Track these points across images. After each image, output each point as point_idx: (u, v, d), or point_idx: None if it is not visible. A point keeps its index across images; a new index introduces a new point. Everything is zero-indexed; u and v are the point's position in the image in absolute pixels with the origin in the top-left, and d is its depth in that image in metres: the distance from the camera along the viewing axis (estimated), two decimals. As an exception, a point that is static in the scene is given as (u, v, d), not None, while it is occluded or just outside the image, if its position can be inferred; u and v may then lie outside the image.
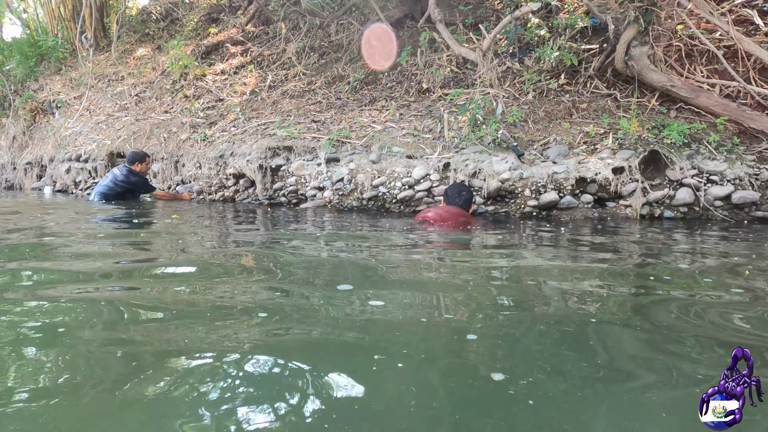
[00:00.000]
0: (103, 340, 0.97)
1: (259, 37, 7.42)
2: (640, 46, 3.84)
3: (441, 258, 1.85)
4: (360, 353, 0.91)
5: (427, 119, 4.21)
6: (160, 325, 1.07)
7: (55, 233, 2.37)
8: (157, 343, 0.94)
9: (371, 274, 1.57)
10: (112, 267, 1.62)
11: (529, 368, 0.85)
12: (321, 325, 1.06)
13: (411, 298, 1.27)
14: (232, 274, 1.56)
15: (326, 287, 1.40)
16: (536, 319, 1.13)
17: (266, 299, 1.27)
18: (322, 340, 0.97)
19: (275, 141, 4.24)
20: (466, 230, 2.69)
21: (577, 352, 0.93)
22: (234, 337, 0.98)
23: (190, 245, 2.10)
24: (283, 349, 0.92)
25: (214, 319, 1.09)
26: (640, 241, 2.41)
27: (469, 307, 1.22)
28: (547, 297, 1.33)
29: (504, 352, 0.94)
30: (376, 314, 1.13)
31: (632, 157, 3.31)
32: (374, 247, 2.03)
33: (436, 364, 0.87)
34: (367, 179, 3.64)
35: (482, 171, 3.41)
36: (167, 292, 1.30)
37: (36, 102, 7.99)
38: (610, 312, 1.21)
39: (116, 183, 4.65)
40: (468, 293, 1.34)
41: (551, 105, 4.00)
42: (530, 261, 1.83)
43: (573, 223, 3.12)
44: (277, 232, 2.61)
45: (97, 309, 1.15)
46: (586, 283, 1.49)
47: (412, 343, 0.96)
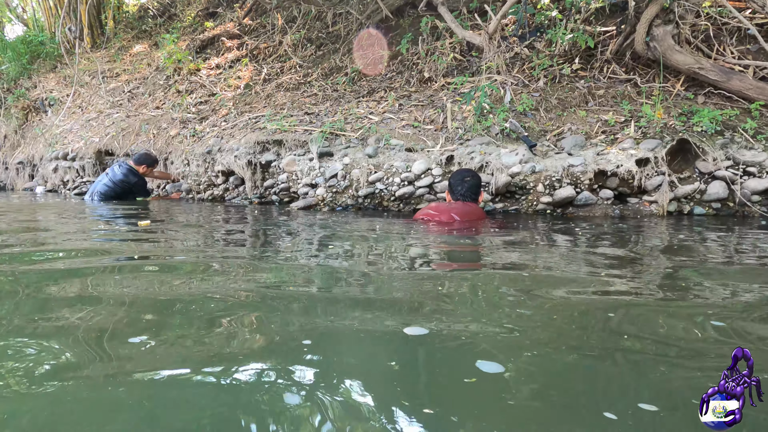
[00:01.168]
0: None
1: (255, 30, 7.13)
2: (663, 25, 3.48)
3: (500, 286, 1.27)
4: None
5: (428, 109, 3.88)
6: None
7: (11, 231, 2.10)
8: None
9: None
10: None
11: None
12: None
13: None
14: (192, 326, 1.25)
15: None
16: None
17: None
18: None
19: (264, 135, 3.94)
20: (473, 232, 2.33)
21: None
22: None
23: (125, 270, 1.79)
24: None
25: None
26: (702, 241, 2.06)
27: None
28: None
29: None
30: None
31: (659, 147, 2.96)
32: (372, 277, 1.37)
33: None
34: (363, 175, 3.32)
35: (490, 164, 3.07)
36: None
37: (28, 100, 7.78)
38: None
39: (114, 182, 4.43)
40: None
41: (565, 92, 3.65)
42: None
43: (592, 222, 2.78)
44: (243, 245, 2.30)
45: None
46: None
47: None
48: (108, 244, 1.97)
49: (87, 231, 2.38)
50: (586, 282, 1.32)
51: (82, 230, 2.38)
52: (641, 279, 1.38)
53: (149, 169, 4.59)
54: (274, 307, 1.07)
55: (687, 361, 0.80)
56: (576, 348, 0.83)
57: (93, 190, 4.51)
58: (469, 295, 1.19)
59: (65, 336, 0.87)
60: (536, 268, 1.50)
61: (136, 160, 4.52)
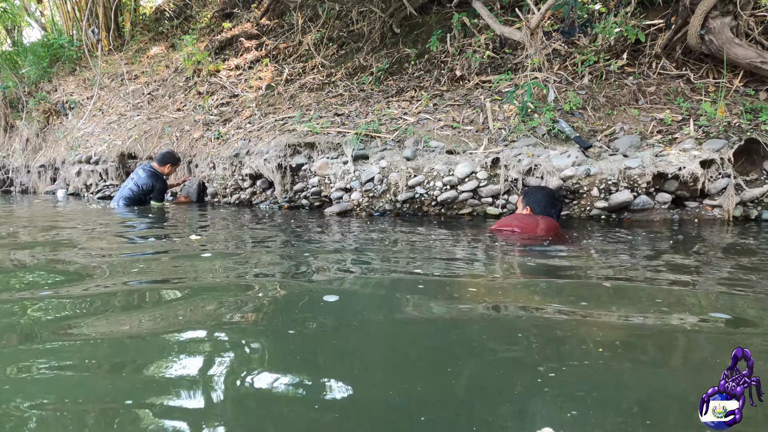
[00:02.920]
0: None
1: (274, 30, 7.03)
2: (720, 17, 3.26)
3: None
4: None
5: (465, 109, 3.71)
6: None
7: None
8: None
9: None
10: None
11: None
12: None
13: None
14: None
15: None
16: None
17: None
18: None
19: (295, 137, 3.81)
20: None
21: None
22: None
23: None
24: None
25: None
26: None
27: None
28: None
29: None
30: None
31: (725, 147, 2.75)
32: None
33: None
34: (402, 179, 3.17)
35: (539, 167, 2.89)
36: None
37: (49, 103, 7.77)
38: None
39: (139, 186, 4.31)
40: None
41: (612, 89, 3.45)
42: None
43: (656, 228, 2.58)
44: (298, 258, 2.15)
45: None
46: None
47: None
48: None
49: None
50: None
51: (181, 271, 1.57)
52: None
53: (173, 168, 4.47)
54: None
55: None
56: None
57: (120, 195, 4.43)
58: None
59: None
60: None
61: (160, 159, 4.40)
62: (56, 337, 0.96)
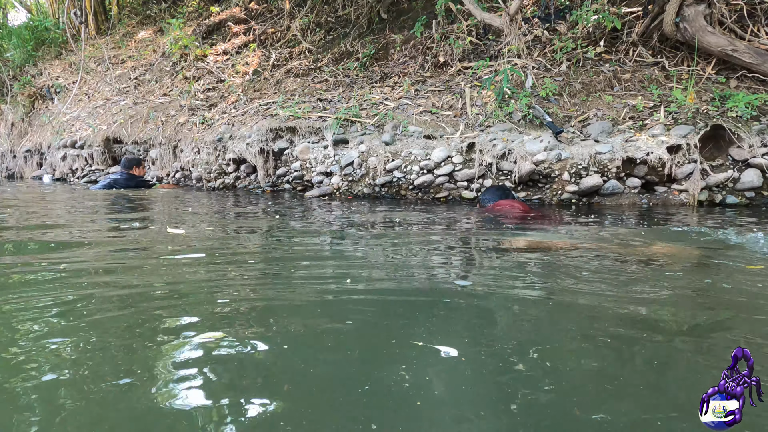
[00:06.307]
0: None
1: (262, 15, 6.96)
2: (695, 5, 3.31)
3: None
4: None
5: (446, 95, 3.75)
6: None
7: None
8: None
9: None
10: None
11: None
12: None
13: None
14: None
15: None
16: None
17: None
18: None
19: (277, 122, 3.84)
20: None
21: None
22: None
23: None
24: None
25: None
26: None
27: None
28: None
29: None
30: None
31: (691, 133, 2.83)
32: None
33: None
34: (380, 163, 3.22)
35: (513, 152, 2.96)
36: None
37: (34, 87, 7.69)
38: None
39: (117, 182, 4.49)
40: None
41: (589, 76, 3.50)
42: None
43: (619, 210, 2.67)
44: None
45: None
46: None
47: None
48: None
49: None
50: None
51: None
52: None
53: (141, 168, 4.76)
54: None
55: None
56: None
57: (101, 185, 4.54)
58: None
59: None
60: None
61: (127, 165, 4.65)
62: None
